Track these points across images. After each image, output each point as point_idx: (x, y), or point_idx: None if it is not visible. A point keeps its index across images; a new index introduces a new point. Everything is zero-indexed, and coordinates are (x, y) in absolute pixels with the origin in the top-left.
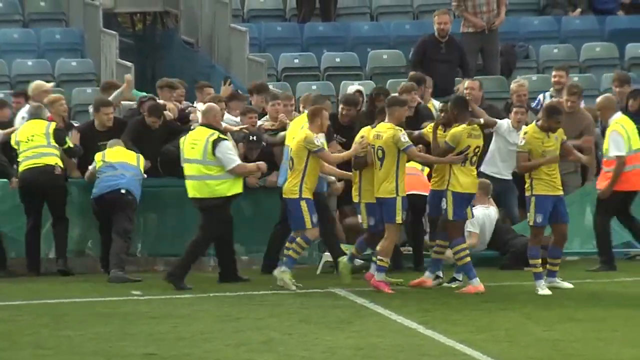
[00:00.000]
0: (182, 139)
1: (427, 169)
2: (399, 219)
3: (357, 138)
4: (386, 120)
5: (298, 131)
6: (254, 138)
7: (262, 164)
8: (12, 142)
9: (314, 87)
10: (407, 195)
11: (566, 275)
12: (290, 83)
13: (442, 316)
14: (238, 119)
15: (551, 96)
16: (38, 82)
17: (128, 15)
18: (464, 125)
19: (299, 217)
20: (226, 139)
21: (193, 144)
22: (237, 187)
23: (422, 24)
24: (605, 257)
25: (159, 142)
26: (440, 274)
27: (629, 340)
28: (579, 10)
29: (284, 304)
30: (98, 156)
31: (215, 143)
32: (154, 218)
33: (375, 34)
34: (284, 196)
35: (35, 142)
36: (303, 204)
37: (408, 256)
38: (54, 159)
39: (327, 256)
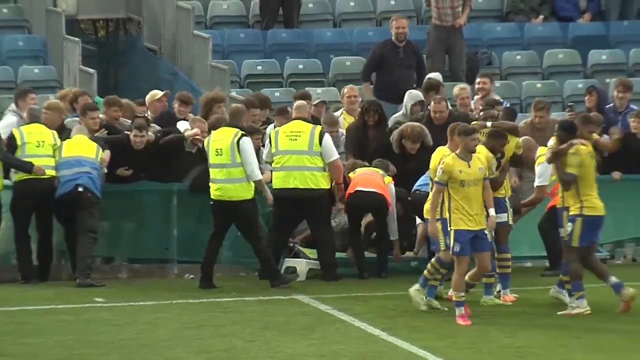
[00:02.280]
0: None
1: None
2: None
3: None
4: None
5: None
6: None
7: None
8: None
9: (276, 93)
10: (356, 191)
11: (527, 282)
12: (254, 90)
13: (405, 323)
14: None
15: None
16: (152, 92)
17: (91, 22)
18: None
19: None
20: None
21: None
22: None
23: (385, 30)
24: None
25: (144, 159)
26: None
27: (592, 347)
28: (541, 17)
29: (247, 311)
30: (56, 149)
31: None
32: (131, 224)
33: (338, 40)
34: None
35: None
36: (438, 225)
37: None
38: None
39: (287, 261)
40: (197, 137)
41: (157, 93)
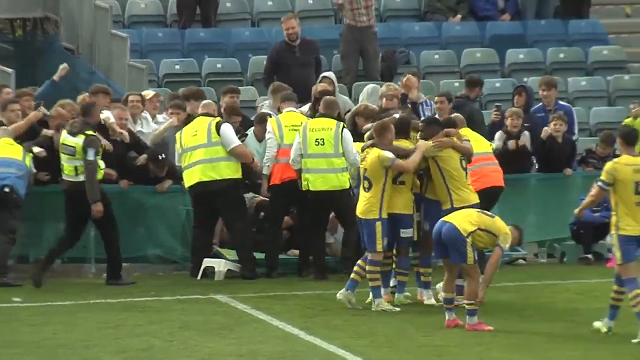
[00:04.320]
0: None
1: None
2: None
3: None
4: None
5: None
6: (163, 157)
7: None
8: None
9: None
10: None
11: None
12: (172, 89)
13: (323, 322)
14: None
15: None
16: (144, 92)
17: (8, 21)
18: None
19: (372, 239)
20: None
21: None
22: None
23: (303, 30)
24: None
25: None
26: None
27: (510, 346)
28: (459, 16)
29: (165, 311)
30: None
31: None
32: (50, 225)
33: (256, 39)
34: (359, 216)
35: None
36: (379, 226)
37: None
38: None
39: (207, 262)
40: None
41: (149, 93)
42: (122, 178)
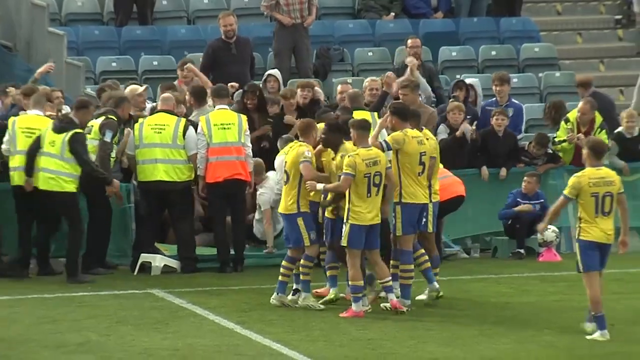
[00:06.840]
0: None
1: None
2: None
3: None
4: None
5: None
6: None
7: None
8: None
9: None
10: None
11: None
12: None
13: (259, 316)
14: None
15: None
16: (132, 87)
17: None
18: None
19: (297, 235)
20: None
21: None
22: None
23: (238, 27)
24: None
25: None
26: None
27: (443, 339)
28: (392, 14)
29: (102, 306)
30: None
31: None
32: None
33: (192, 37)
34: (280, 212)
35: None
36: (300, 221)
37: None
38: None
39: (144, 257)
40: None
41: (137, 88)
42: None
